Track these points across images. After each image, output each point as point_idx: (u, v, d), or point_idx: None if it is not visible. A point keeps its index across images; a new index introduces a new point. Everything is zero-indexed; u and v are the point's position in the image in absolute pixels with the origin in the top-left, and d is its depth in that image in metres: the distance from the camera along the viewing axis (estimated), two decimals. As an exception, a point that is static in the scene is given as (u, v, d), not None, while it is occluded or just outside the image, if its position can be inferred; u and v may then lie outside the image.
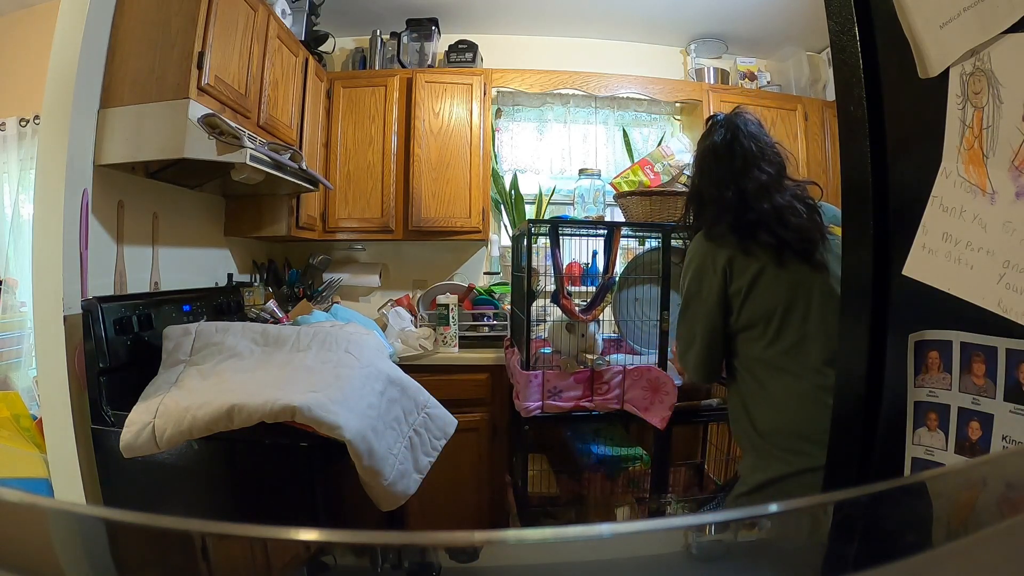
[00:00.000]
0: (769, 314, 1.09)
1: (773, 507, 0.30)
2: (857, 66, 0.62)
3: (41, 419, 1.49)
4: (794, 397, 1.06)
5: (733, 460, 1.82)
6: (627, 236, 1.71)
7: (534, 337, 1.63)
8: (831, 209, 1.16)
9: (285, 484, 1.27)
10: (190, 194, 1.88)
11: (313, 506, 1.25)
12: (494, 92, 2.52)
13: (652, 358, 1.63)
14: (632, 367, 1.56)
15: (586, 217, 1.95)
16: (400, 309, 2.27)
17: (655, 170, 1.98)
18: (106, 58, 1.41)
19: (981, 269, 0.51)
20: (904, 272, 0.58)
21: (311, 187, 2.06)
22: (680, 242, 1.64)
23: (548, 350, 1.69)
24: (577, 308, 1.57)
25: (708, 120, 1.26)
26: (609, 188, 2.05)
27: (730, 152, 1.14)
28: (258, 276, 2.36)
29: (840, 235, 0.70)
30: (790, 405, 1.06)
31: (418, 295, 2.43)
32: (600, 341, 1.64)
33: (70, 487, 1.30)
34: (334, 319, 1.99)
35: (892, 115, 0.60)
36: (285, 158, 1.71)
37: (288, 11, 2.10)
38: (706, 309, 1.15)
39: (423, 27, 2.56)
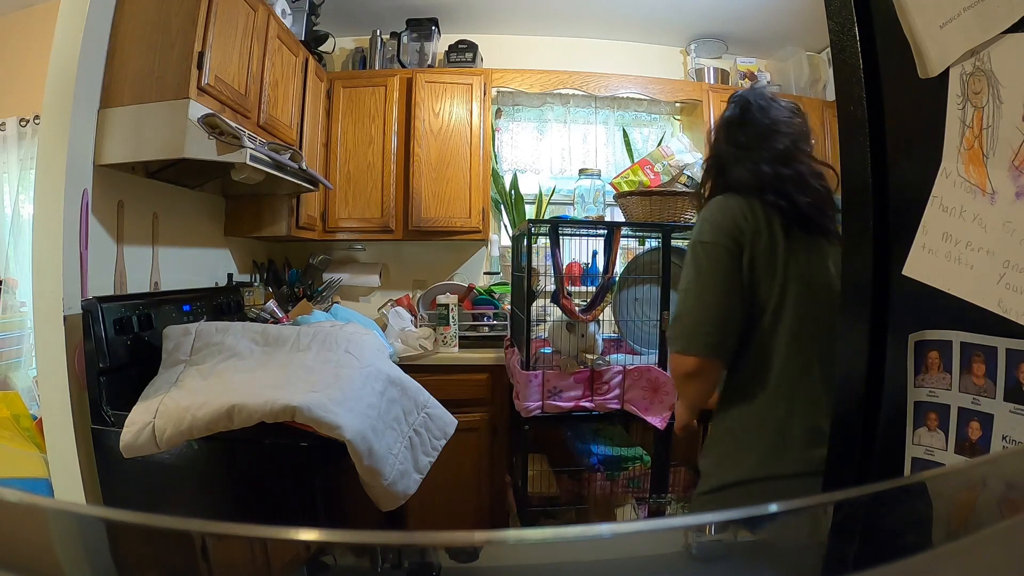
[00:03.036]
0: (764, 301, 1.01)
1: (773, 507, 0.30)
2: (857, 66, 0.61)
3: (41, 419, 1.49)
4: (783, 391, 0.98)
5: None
6: (627, 236, 1.72)
7: (534, 337, 1.63)
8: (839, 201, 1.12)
9: (285, 484, 1.27)
10: (190, 194, 1.89)
11: (313, 506, 1.25)
12: (494, 92, 2.52)
13: (652, 358, 1.63)
14: (632, 367, 1.57)
15: (586, 217, 1.95)
16: (400, 309, 2.27)
17: (655, 170, 1.98)
18: (106, 58, 1.41)
19: (981, 269, 0.51)
20: (904, 272, 0.58)
21: (311, 187, 2.06)
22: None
23: (548, 350, 1.69)
24: (577, 308, 1.57)
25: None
26: (609, 188, 2.05)
27: (742, 124, 1.11)
28: (258, 276, 2.36)
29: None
30: (777, 400, 0.98)
31: (418, 295, 2.43)
32: (600, 341, 1.64)
33: (70, 487, 1.30)
34: (334, 319, 1.99)
35: (892, 115, 0.60)
36: (285, 158, 1.71)
37: (288, 11, 2.10)
38: (715, 275, 1.02)
39: (423, 27, 2.56)
